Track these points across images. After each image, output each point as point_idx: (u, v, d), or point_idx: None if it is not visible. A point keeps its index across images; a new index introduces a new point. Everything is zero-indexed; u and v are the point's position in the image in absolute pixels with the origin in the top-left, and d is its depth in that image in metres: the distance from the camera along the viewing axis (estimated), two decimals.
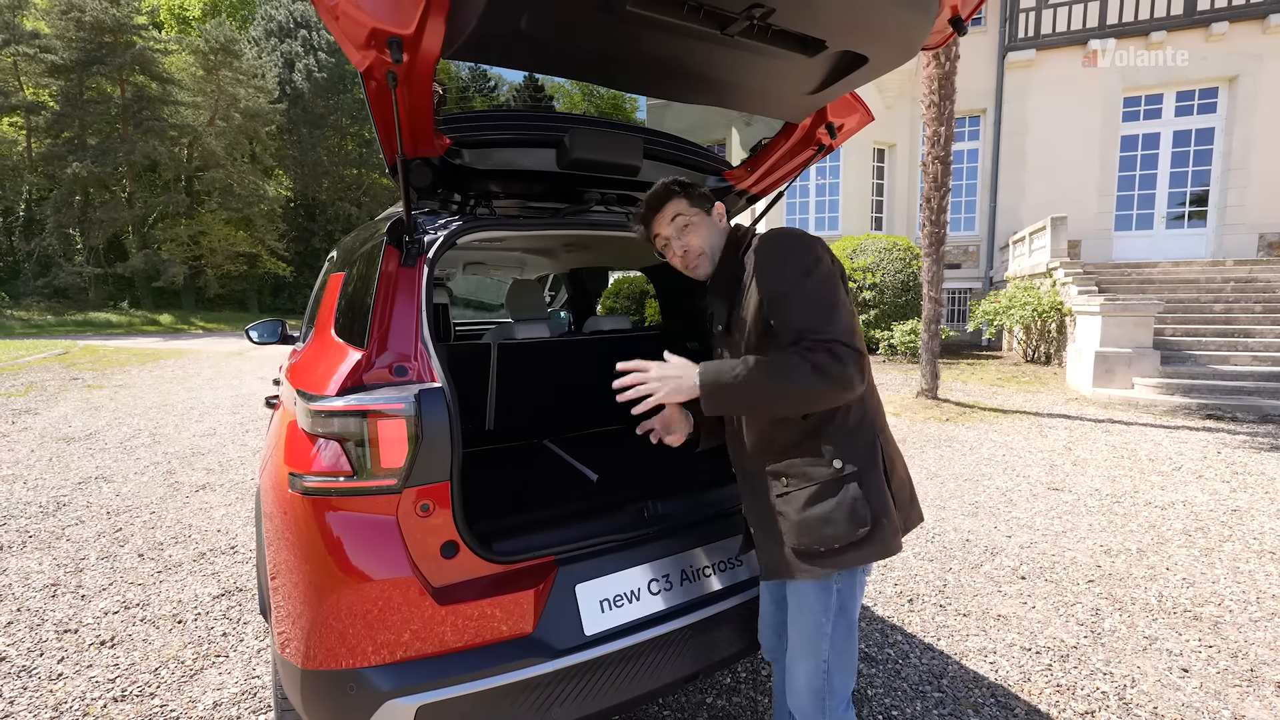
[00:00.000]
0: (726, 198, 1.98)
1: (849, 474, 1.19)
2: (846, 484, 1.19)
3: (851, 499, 1.18)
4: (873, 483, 1.20)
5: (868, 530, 1.17)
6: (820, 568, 1.20)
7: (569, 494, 1.77)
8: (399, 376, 1.33)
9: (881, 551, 1.20)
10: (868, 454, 1.22)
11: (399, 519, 1.24)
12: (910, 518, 1.31)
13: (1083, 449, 5.09)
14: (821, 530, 1.19)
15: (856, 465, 1.20)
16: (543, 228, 1.67)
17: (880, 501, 1.20)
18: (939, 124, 6.53)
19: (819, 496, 1.20)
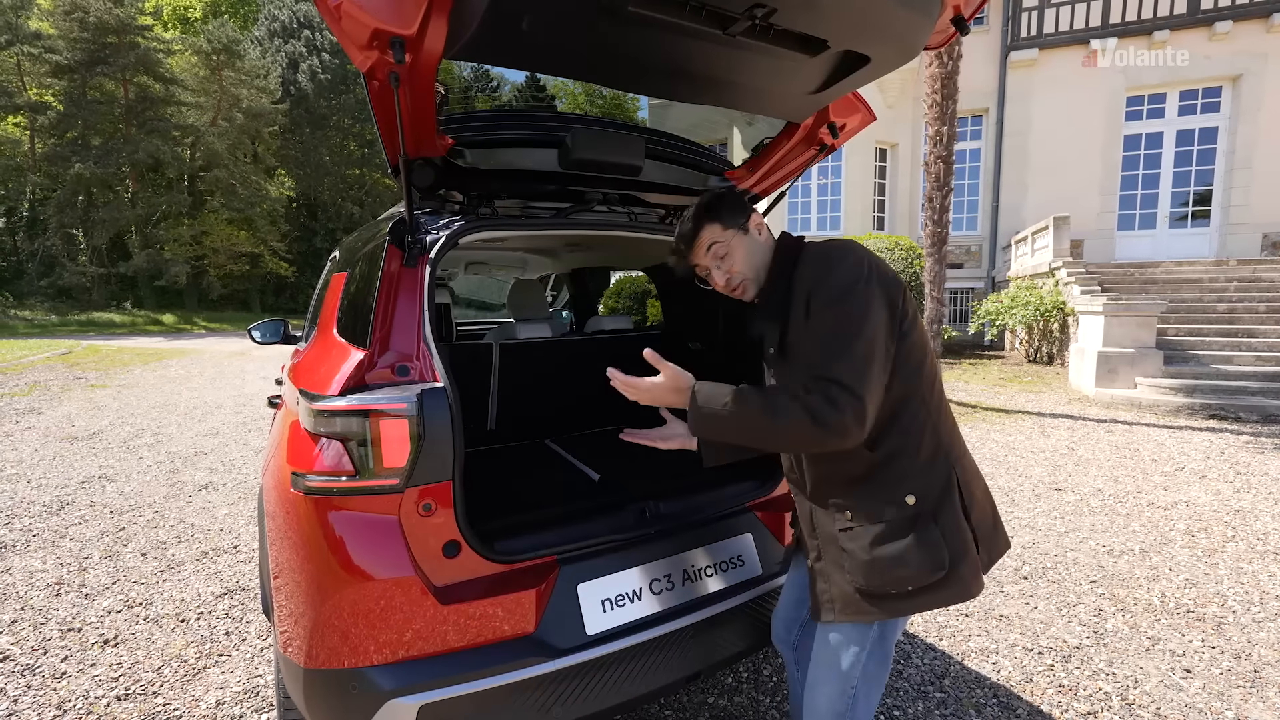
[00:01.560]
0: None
1: (923, 511, 1.10)
2: (921, 523, 1.10)
3: (927, 540, 1.09)
4: (950, 520, 1.11)
5: (945, 573, 1.09)
6: (889, 612, 1.12)
7: (571, 494, 1.77)
8: (401, 376, 1.33)
9: (960, 594, 1.11)
10: (943, 487, 1.12)
11: (401, 518, 1.24)
12: (995, 549, 1.20)
13: (1085, 449, 5.08)
14: (894, 572, 1.09)
15: (931, 501, 1.11)
16: (545, 228, 1.67)
17: (959, 541, 1.10)
18: (941, 123, 6.52)
19: (890, 535, 1.10)
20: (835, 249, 1.15)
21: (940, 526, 1.10)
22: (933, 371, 1.17)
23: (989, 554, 1.17)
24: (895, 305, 1.10)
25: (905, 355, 1.11)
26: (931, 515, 1.10)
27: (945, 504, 1.11)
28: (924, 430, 1.13)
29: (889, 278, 1.12)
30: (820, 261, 1.14)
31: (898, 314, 1.11)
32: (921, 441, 1.12)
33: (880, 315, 1.07)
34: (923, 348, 1.14)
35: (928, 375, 1.15)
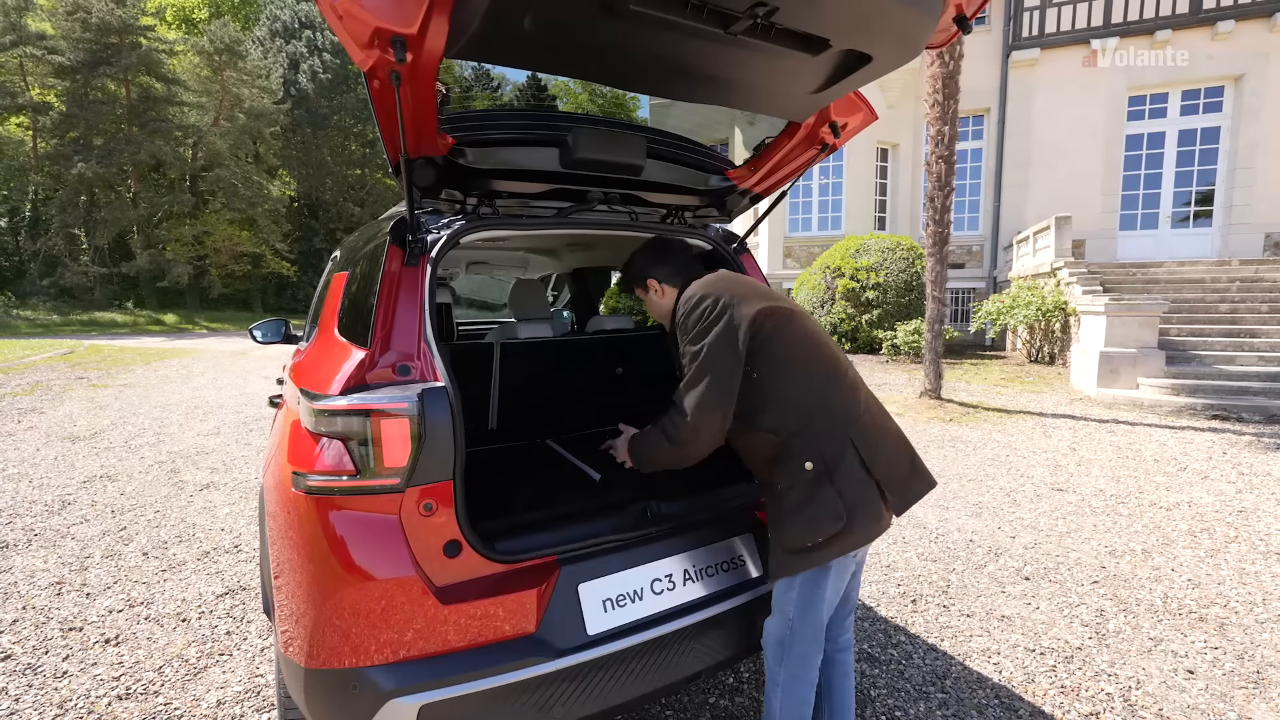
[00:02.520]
0: (730, 197, 1.97)
1: (820, 474, 1.33)
2: (819, 484, 1.33)
3: (824, 498, 1.31)
4: (847, 478, 1.32)
5: (844, 523, 1.30)
6: (806, 564, 1.34)
7: (571, 493, 1.77)
8: (402, 376, 1.33)
9: (862, 538, 1.33)
10: (838, 451, 1.34)
11: (402, 518, 1.24)
12: (910, 491, 1.41)
13: (1087, 449, 5.07)
14: (805, 528, 1.33)
15: (828, 465, 1.33)
16: (546, 227, 1.67)
17: (855, 494, 1.32)
18: (943, 123, 6.51)
19: (797, 498, 1.35)
20: (690, 295, 1.48)
21: (836, 485, 1.32)
22: (821, 364, 1.42)
23: (901, 497, 1.39)
24: (734, 334, 1.37)
25: (773, 362, 1.39)
26: (828, 477, 1.32)
27: (841, 465, 1.33)
28: (814, 411, 1.37)
29: (733, 313, 1.39)
30: (681, 307, 1.49)
31: (744, 339, 1.38)
32: (813, 420, 1.36)
33: (718, 347, 1.37)
34: (797, 352, 1.41)
35: (813, 368, 1.41)
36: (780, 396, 1.38)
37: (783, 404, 1.38)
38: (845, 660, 1.60)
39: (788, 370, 1.39)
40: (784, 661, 1.45)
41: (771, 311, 1.42)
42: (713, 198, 1.96)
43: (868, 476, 1.33)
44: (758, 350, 1.39)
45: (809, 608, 1.41)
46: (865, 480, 1.33)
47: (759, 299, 1.44)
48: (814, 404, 1.37)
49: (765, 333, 1.40)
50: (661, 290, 1.63)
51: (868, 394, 1.48)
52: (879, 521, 1.35)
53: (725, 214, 2.04)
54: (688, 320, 1.44)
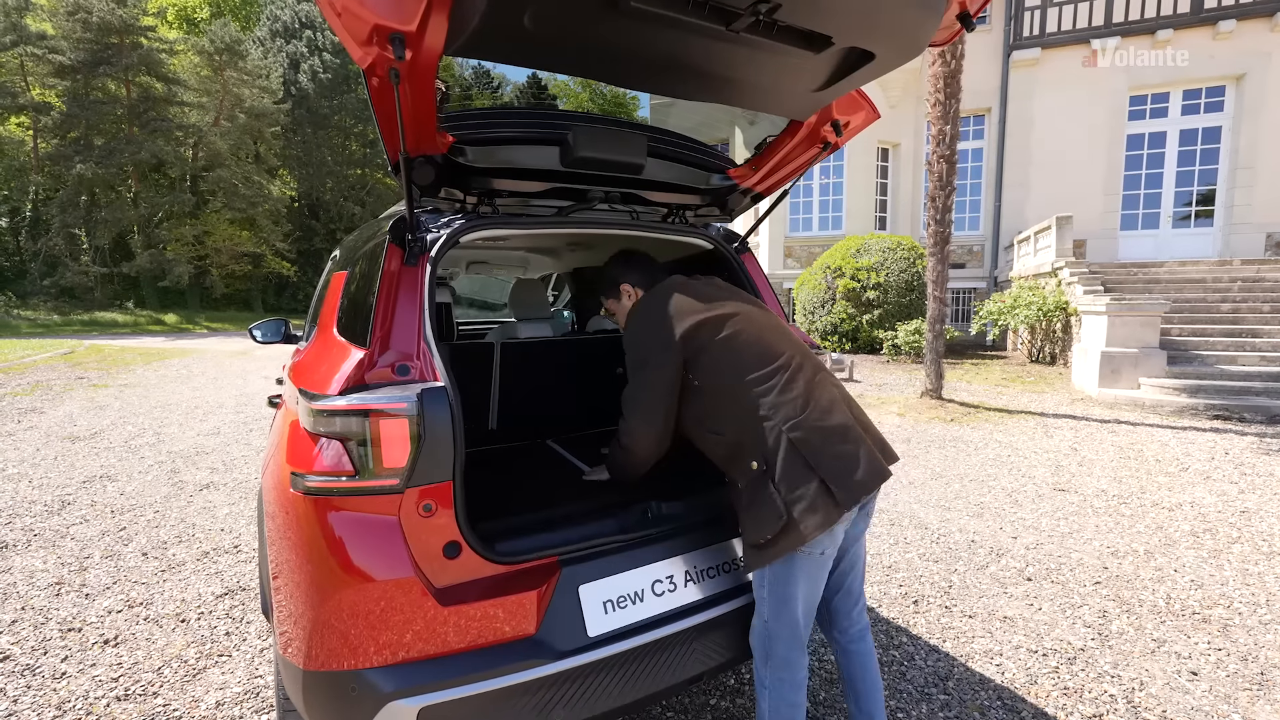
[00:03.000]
0: (731, 196, 1.96)
1: (764, 472, 1.37)
2: (760, 483, 1.37)
3: (765, 497, 1.36)
4: (789, 477, 1.35)
5: (785, 521, 1.33)
6: (765, 559, 1.38)
7: (572, 494, 1.76)
8: (401, 376, 1.32)
9: (807, 534, 1.33)
10: (781, 452, 1.36)
11: (401, 519, 1.23)
12: (870, 475, 1.39)
13: (1089, 449, 5.06)
14: (755, 525, 1.38)
15: (771, 464, 1.36)
16: (546, 226, 1.66)
17: (797, 493, 1.34)
18: (944, 122, 6.50)
19: (747, 496, 1.40)
20: (634, 309, 1.61)
21: (776, 483, 1.35)
22: (761, 367, 1.45)
23: (849, 492, 1.36)
24: (670, 345, 1.46)
25: (709, 369, 1.46)
26: (769, 475, 1.36)
27: (783, 465, 1.35)
28: (754, 412, 1.40)
29: (669, 325, 1.48)
30: (629, 315, 1.62)
31: (677, 349, 1.46)
32: (757, 422, 1.40)
33: (655, 357, 1.48)
34: (731, 359, 1.46)
35: (749, 372, 1.44)
36: (720, 401, 1.46)
37: (723, 408, 1.46)
38: (862, 650, 1.60)
39: (725, 377, 1.45)
40: (768, 663, 1.47)
41: (704, 322, 1.49)
42: (714, 197, 1.95)
43: (810, 473, 1.35)
44: (694, 359, 1.47)
45: (782, 608, 1.43)
46: (807, 476, 1.34)
47: (693, 309, 1.50)
48: (752, 406, 1.41)
49: (697, 342, 1.47)
50: (635, 293, 1.71)
51: (824, 390, 1.47)
52: (824, 515, 1.34)
53: (727, 213, 2.03)
54: (629, 330, 1.56)
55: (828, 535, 1.37)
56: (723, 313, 1.52)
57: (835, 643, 1.63)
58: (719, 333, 1.48)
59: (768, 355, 1.48)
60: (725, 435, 1.45)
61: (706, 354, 1.47)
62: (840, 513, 1.36)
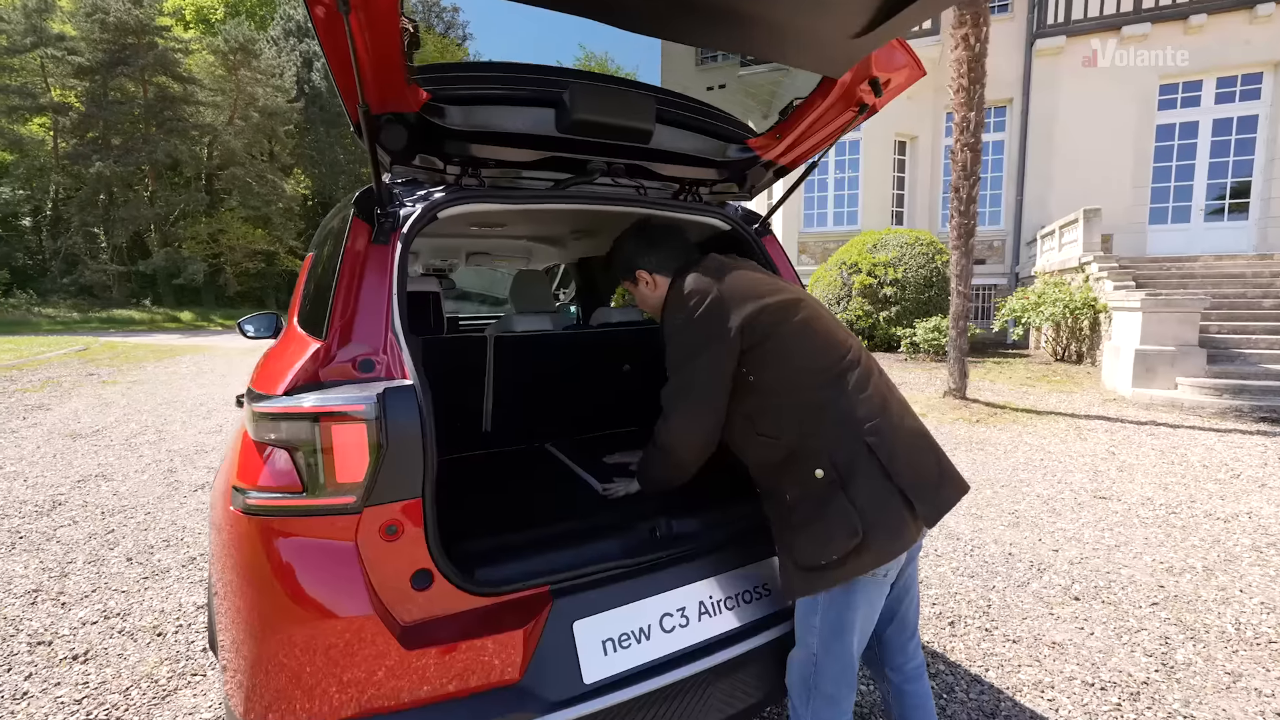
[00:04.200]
0: (751, 170, 1.73)
1: (832, 481, 1.18)
2: (830, 493, 1.18)
3: (837, 509, 1.17)
4: (863, 486, 1.17)
5: (861, 538, 1.14)
6: (823, 584, 1.19)
7: (569, 509, 1.55)
8: (364, 372, 1.12)
9: (882, 555, 1.16)
10: (852, 457, 1.19)
11: (359, 544, 1.03)
12: (940, 499, 1.24)
13: (1127, 453, 4.75)
14: (818, 543, 1.18)
15: (840, 472, 1.18)
16: (539, 202, 1.45)
17: (875, 504, 1.16)
18: (968, 109, 6.20)
19: (807, 510, 1.21)
20: (676, 290, 1.36)
21: (850, 494, 1.17)
22: (828, 360, 1.28)
23: (931, 506, 1.21)
24: (724, 332, 1.26)
25: (770, 361, 1.26)
26: (841, 485, 1.17)
27: (857, 472, 1.18)
28: (822, 412, 1.23)
29: (724, 308, 1.28)
30: (670, 301, 1.38)
31: (735, 337, 1.26)
32: (826, 423, 1.22)
33: (710, 346, 1.27)
34: (796, 349, 1.28)
35: (818, 366, 1.27)
36: (781, 398, 1.27)
37: (784, 406, 1.26)
38: (918, 690, 1.40)
39: (787, 370, 1.27)
40: (810, 702, 1.27)
41: (768, 307, 1.30)
42: (732, 170, 1.73)
43: (888, 484, 1.18)
44: (752, 349, 1.28)
45: (835, 638, 1.24)
46: (886, 488, 1.18)
47: (755, 294, 1.31)
48: (820, 405, 1.24)
49: (760, 330, 1.28)
50: (653, 281, 1.48)
51: (888, 391, 1.32)
52: (903, 535, 1.18)
53: (746, 190, 1.80)
54: (675, 317, 1.33)
55: None
56: (789, 298, 1.34)
57: (887, 682, 1.42)
58: (786, 319, 1.29)
59: (836, 347, 1.32)
60: (781, 438, 1.25)
61: (770, 343, 1.27)
62: (920, 530, 1.21)
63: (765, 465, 1.30)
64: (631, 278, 1.50)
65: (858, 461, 1.18)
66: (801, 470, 1.21)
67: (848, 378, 1.27)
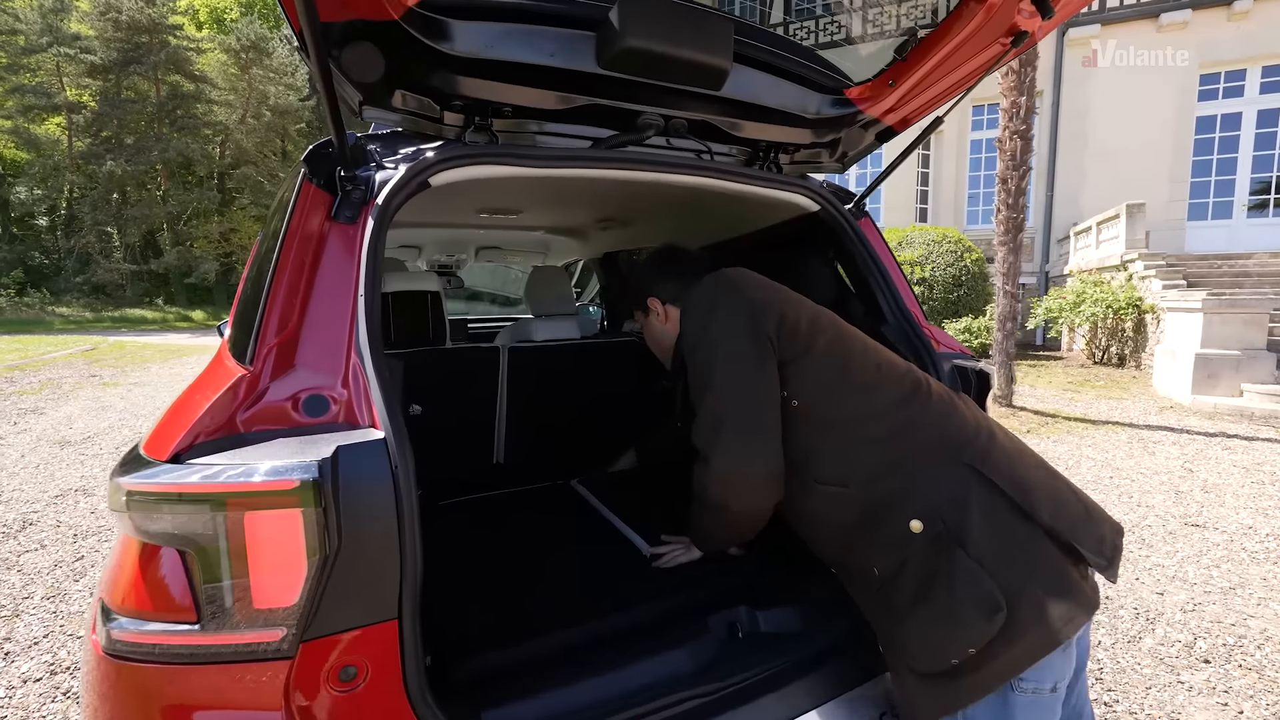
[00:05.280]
0: (849, 131, 1.32)
1: (940, 534, 0.86)
2: (944, 553, 0.85)
3: (959, 573, 0.84)
4: (987, 533, 0.86)
5: (1005, 613, 0.81)
6: (959, 697, 0.84)
7: (610, 591, 1.14)
8: (310, 416, 0.73)
9: (1045, 640, 0.81)
10: (964, 493, 0.87)
11: (291, 704, 0.63)
12: (1104, 541, 0.89)
13: (1207, 471, 4.27)
14: (941, 633, 0.84)
15: (946, 517, 0.87)
16: (573, 164, 1.05)
17: (1015, 556, 0.84)
18: (1019, 94, 5.73)
19: (917, 584, 0.87)
20: (689, 306, 1.10)
21: (972, 549, 0.85)
22: (890, 375, 1.02)
23: (1097, 549, 0.87)
24: (758, 332, 1.00)
25: (819, 375, 1.00)
26: (953, 538, 0.86)
27: (972, 514, 0.87)
28: (901, 438, 0.95)
29: (746, 306, 1.02)
30: (685, 318, 1.11)
31: (774, 345, 1.00)
32: (904, 452, 0.94)
33: (733, 354, 1.00)
34: (847, 360, 1.01)
35: (878, 382, 1.01)
36: (840, 428, 0.98)
37: (847, 437, 0.97)
38: None
39: (842, 387, 0.99)
40: None
41: (805, 311, 1.05)
42: (822, 131, 1.31)
43: (1027, 523, 0.87)
44: (792, 362, 1.00)
45: None
46: (1025, 531, 0.86)
47: (786, 295, 1.07)
48: (896, 430, 0.96)
49: (798, 336, 1.01)
50: (664, 313, 1.26)
51: (974, 408, 1.05)
52: (1073, 597, 0.84)
53: (837, 158, 1.39)
54: (692, 330, 1.06)
55: (1066, 648, 0.84)
56: (823, 309, 1.10)
57: None
58: (826, 326, 1.05)
59: (895, 363, 1.06)
60: (850, 484, 0.94)
61: (814, 355, 1.00)
62: (1095, 594, 0.89)
63: (838, 532, 0.98)
64: (643, 306, 1.30)
65: (971, 498, 0.87)
66: (889, 527, 0.91)
67: (921, 394, 1.00)
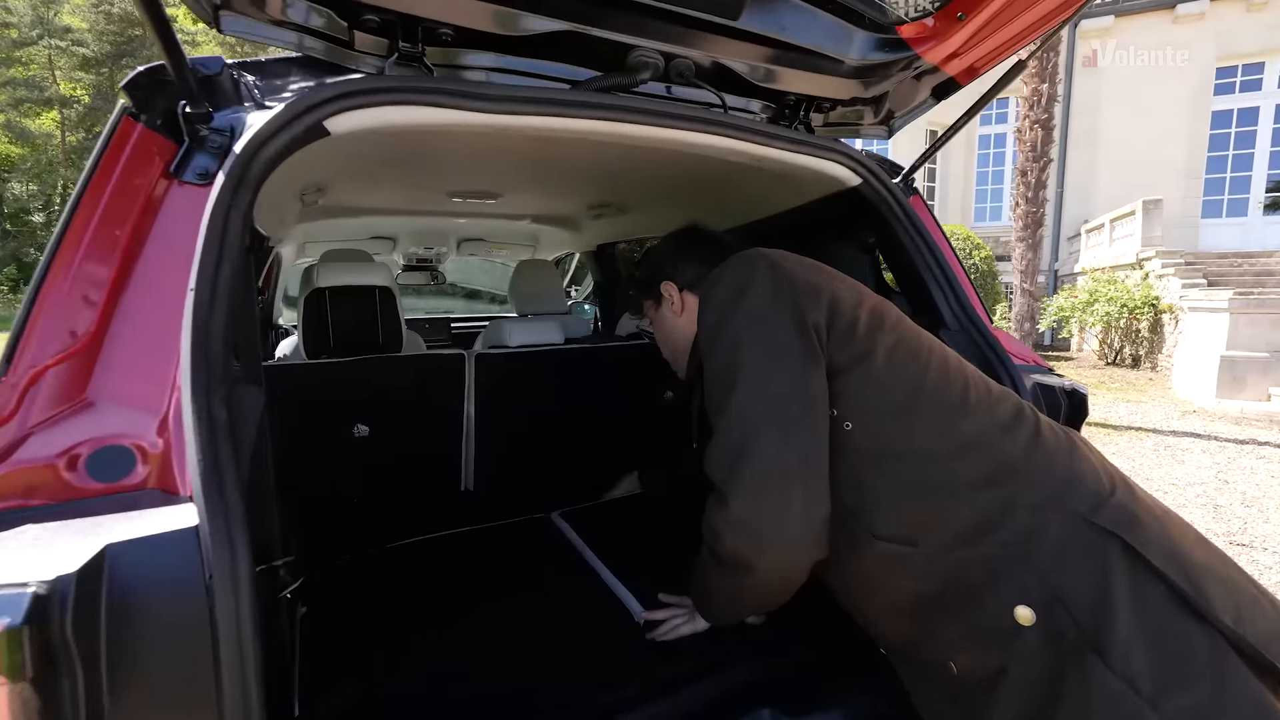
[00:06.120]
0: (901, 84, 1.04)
1: (1067, 628, 0.60)
2: (1072, 658, 0.59)
3: (1106, 698, 0.57)
4: (1140, 634, 0.59)
5: None
6: None
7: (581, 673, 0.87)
8: (101, 479, 0.45)
9: None
10: (1095, 571, 0.62)
11: None
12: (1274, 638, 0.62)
13: (1243, 481, 4.00)
14: None
15: (1070, 603, 0.61)
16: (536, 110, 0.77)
17: (1186, 674, 0.57)
18: (1040, 80, 5.45)
19: (1029, 700, 0.62)
20: (710, 291, 0.84)
21: (1112, 657, 0.58)
22: (975, 394, 0.76)
23: None
24: (800, 324, 0.75)
25: (875, 387, 0.74)
26: (1085, 638, 0.59)
27: (1118, 608, 0.59)
28: (1006, 482, 0.68)
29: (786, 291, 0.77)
30: (703, 309, 0.85)
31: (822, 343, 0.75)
32: (1008, 503, 0.67)
33: (770, 353, 0.73)
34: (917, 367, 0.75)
35: (959, 402, 0.74)
36: (911, 463, 0.72)
37: (920, 478, 0.71)
38: None
39: (918, 404, 0.74)
40: None
41: (864, 299, 0.82)
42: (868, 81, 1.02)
43: (1203, 627, 0.61)
44: (850, 368, 0.75)
45: None
46: (1203, 640, 0.60)
47: (835, 278, 0.83)
48: (995, 471, 0.70)
49: (861, 331, 0.77)
50: (680, 302, 1.00)
51: (1093, 448, 0.81)
52: None
53: (883, 120, 1.11)
54: (715, 321, 0.81)
55: None
56: (881, 300, 0.85)
57: None
58: (892, 325, 0.79)
59: (984, 378, 0.82)
60: (921, 545, 0.70)
61: (876, 363, 0.75)
62: None
63: (901, 608, 0.73)
64: (654, 293, 1.04)
65: (1114, 582, 0.62)
66: (980, 612, 0.66)
67: (1026, 424, 0.75)
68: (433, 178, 1.52)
